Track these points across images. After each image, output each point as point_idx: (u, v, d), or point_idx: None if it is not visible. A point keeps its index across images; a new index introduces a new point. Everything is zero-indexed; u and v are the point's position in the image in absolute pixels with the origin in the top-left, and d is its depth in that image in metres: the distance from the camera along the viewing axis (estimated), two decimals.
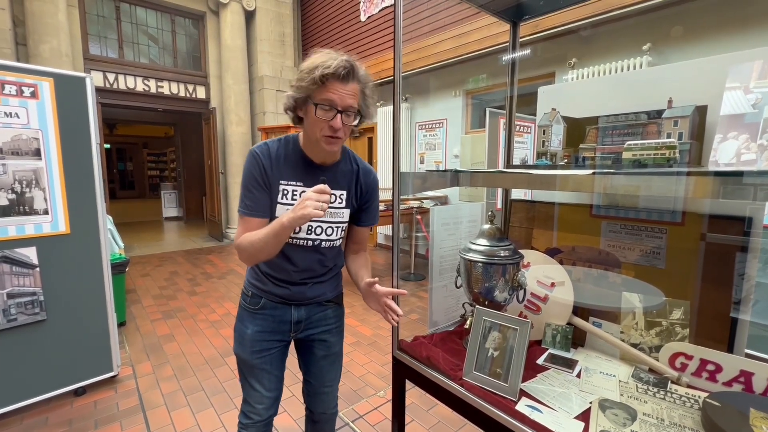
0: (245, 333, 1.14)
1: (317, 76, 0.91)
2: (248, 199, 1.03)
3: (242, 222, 1.04)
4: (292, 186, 1.05)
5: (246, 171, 1.04)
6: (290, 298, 1.13)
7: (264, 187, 1.03)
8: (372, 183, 1.17)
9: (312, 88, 0.93)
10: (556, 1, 1.32)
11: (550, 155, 1.19)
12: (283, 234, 0.96)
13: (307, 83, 0.93)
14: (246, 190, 1.03)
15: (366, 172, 1.16)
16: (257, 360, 1.14)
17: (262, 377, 1.16)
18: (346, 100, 0.94)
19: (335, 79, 0.92)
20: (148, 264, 5.23)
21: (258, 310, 1.14)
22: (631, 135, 1.05)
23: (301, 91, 0.95)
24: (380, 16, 5.65)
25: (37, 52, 4.77)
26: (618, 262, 1.16)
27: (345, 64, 0.93)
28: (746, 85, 0.80)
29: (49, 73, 1.90)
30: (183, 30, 6.65)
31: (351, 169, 1.13)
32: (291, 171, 1.05)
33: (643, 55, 3.09)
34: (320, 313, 1.20)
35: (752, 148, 0.75)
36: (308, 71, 0.93)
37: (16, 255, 1.84)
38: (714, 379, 0.91)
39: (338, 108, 0.94)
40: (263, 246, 0.98)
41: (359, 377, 2.41)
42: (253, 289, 1.15)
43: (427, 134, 5.28)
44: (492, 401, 0.91)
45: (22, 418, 1.97)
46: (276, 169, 1.04)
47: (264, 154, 1.03)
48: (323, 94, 0.93)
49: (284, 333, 1.17)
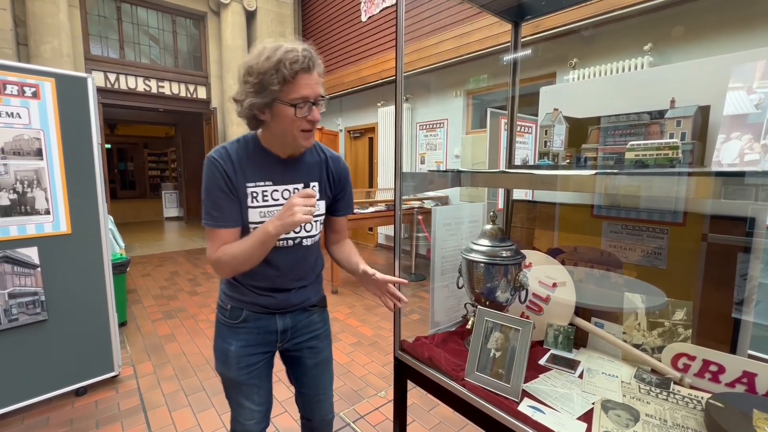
0: (228, 351, 1.06)
1: (288, 74, 0.84)
2: (215, 210, 0.95)
3: (213, 236, 0.96)
4: (261, 186, 0.98)
5: (207, 180, 0.95)
6: (275, 307, 1.07)
7: (230, 194, 0.95)
8: (343, 170, 1.12)
9: (277, 87, 0.85)
10: (558, 1, 1.32)
11: (553, 155, 1.19)
12: (269, 243, 0.92)
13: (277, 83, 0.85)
14: (210, 201, 0.95)
15: (335, 159, 1.11)
16: (244, 377, 1.07)
17: (251, 393, 1.10)
18: (316, 90, 0.90)
19: (304, 72, 0.87)
20: (149, 264, 5.24)
21: (240, 324, 1.06)
22: (634, 135, 1.05)
23: (265, 95, 0.87)
24: (381, 16, 5.65)
25: (39, 53, 4.77)
26: (619, 263, 1.15)
27: (307, 52, 0.87)
28: (749, 85, 0.80)
29: (50, 73, 1.90)
30: (184, 30, 6.65)
31: (319, 159, 1.08)
32: (256, 171, 0.98)
33: (644, 55, 3.09)
34: (306, 319, 1.14)
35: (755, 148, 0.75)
36: (272, 70, 0.84)
37: (17, 255, 1.84)
38: (717, 380, 0.90)
39: (311, 101, 0.90)
40: (248, 257, 0.93)
41: (360, 377, 2.40)
42: (232, 301, 1.06)
43: (428, 134, 5.27)
44: (494, 402, 0.90)
45: (23, 418, 1.97)
46: (239, 173, 0.96)
47: (224, 159, 0.95)
48: (296, 91, 0.87)
49: (270, 344, 1.10)
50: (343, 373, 2.45)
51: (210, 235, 0.97)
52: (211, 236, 0.97)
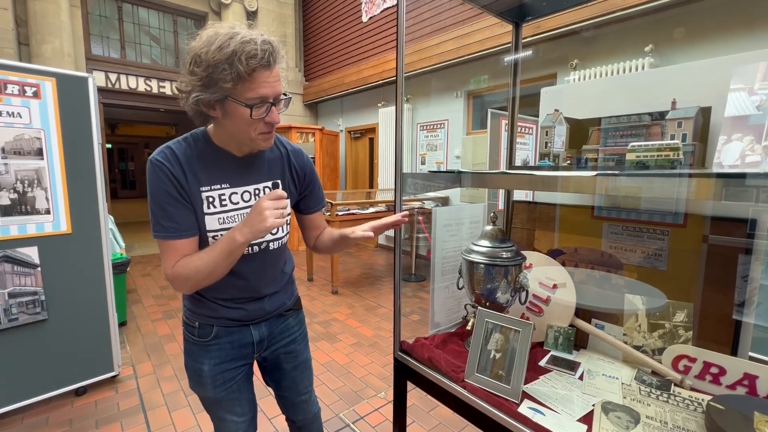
0: (201, 370, 0.98)
1: (244, 70, 0.72)
2: (166, 220, 0.83)
3: (167, 248, 0.84)
4: (217, 190, 0.88)
5: (152, 186, 0.83)
6: (248, 318, 0.99)
7: (182, 201, 0.84)
8: (306, 163, 1.03)
9: (230, 83, 0.74)
10: (559, 2, 1.31)
11: (553, 156, 1.19)
12: (237, 252, 0.83)
13: (230, 80, 0.73)
14: (160, 210, 0.83)
15: (296, 152, 1.02)
16: (223, 393, 1.00)
17: (233, 406, 1.03)
18: (276, 89, 0.79)
19: (263, 68, 0.75)
20: (149, 264, 5.24)
21: (211, 341, 0.97)
22: (635, 136, 1.04)
23: (214, 91, 0.75)
24: (382, 16, 5.65)
25: (40, 52, 4.78)
26: (620, 264, 1.15)
27: (267, 47, 0.75)
28: (751, 86, 0.80)
29: (51, 73, 1.90)
30: (185, 30, 6.66)
31: (280, 154, 0.98)
32: (210, 173, 0.87)
33: (645, 56, 3.09)
34: (282, 325, 1.08)
35: (757, 149, 0.74)
36: (224, 63, 0.72)
37: (17, 254, 1.85)
38: (717, 382, 0.90)
39: (270, 101, 0.79)
40: (212, 270, 0.83)
41: (360, 378, 2.40)
42: (200, 318, 0.97)
43: (428, 135, 5.28)
44: (494, 403, 0.90)
45: (23, 418, 1.97)
46: (190, 175, 0.85)
47: (170, 162, 0.83)
48: (253, 90, 0.76)
49: (247, 356, 1.04)
50: (342, 373, 2.45)
51: (164, 248, 0.85)
52: (165, 249, 0.85)
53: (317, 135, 6.05)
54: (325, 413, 1.99)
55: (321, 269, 4.88)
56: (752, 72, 0.81)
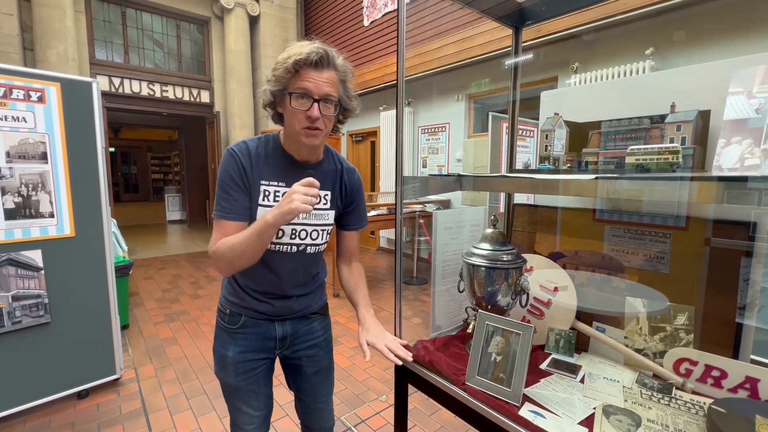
0: (226, 356, 1.05)
1: (290, 64, 0.85)
2: (225, 201, 0.94)
3: (218, 226, 0.95)
4: (274, 186, 0.97)
5: (222, 170, 0.95)
6: (274, 314, 1.05)
7: (242, 188, 0.95)
8: (356, 182, 1.11)
9: (286, 77, 0.88)
10: (559, 6, 1.32)
11: (553, 160, 1.19)
12: (267, 233, 0.88)
13: (281, 72, 0.87)
14: (222, 192, 0.95)
15: (350, 170, 1.10)
16: (243, 382, 1.06)
17: (250, 398, 1.09)
18: (322, 88, 0.88)
19: (308, 66, 0.86)
20: (152, 267, 5.25)
21: (238, 329, 1.05)
22: (634, 140, 1.05)
23: (277, 84, 0.90)
24: (383, 21, 5.68)
25: (44, 57, 4.82)
26: (621, 267, 1.15)
27: (318, 50, 0.87)
28: (749, 90, 0.80)
29: (55, 77, 1.92)
30: (188, 35, 6.71)
31: (335, 169, 1.07)
32: (272, 170, 0.97)
33: (646, 59, 3.09)
34: (306, 327, 1.13)
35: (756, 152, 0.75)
36: (282, 61, 0.88)
37: (21, 258, 1.86)
38: (719, 385, 0.90)
39: (314, 97, 0.87)
40: (245, 249, 0.89)
41: (361, 381, 2.40)
42: (231, 306, 1.05)
43: (429, 138, 5.29)
44: (495, 406, 0.90)
45: (25, 421, 1.97)
46: (256, 168, 0.96)
47: (243, 153, 0.96)
48: (297, 82, 0.87)
49: (269, 350, 1.09)
50: (344, 377, 2.45)
51: (216, 226, 0.96)
52: (216, 227, 0.95)
53: None
54: None
55: None
56: (751, 75, 0.81)
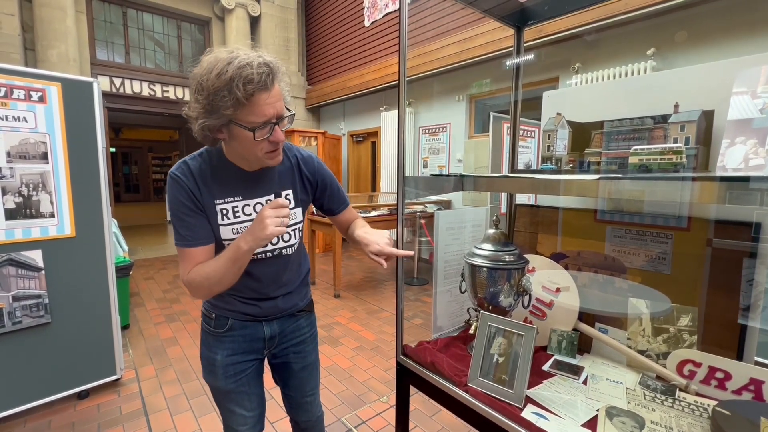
0: (215, 360, 1.04)
1: (242, 96, 0.74)
2: (183, 229, 0.90)
3: (184, 256, 0.91)
4: (231, 203, 0.93)
5: (171, 198, 0.90)
6: (261, 315, 1.05)
7: (197, 212, 0.91)
8: (317, 167, 1.06)
9: (237, 107, 0.76)
10: (561, 6, 1.32)
11: (556, 160, 1.19)
12: (243, 260, 0.86)
13: (231, 106, 0.76)
14: (178, 220, 0.90)
15: (305, 159, 1.05)
16: (233, 385, 1.05)
17: (242, 400, 1.08)
18: (278, 108, 0.81)
19: (262, 90, 0.77)
20: (152, 267, 5.25)
21: (225, 333, 1.03)
22: (637, 140, 1.04)
23: (218, 117, 0.78)
24: (384, 21, 5.68)
25: (46, 57, 4.83)
26: (623, 268, 1.15)
27: (264, 69, 0.76)
28: (754, 90, 0.79)
29: (56, 77, 1.92)
30: (189, 35, 6.72)
31: (290, 164, 1.02)
32: (223, 187, 0.93)
33: (648, 59, 3.09)
34: (293, 325, 1.13)
35: (760, 153, 0.74)
36: (223, 89, 0.74)
37: (21, 258, 1.86)
38: (723, 387, 0.89)
39: (273, 121, 0.81)
40: (222, 276, 0.87)
41: (362, 382, 2.39)
42: (217, 310, 1.03)
43: (430, 139, 5.28)
44: (497, 408, 0.90)
45: (26, 421, 1.97)
46: (204, 189, 0.91)
47: (186, 176, 0.90)
48: (253, 113, 0.78)
49: (258, 351, 1.09)
50: (345, 377, 2.44)
51: (181, 255, 0.91)
52: (182, 257, 0.91)
53: (319, 139, 6.07)
54: (327, 417, 1.98)
55: (323, 272, 4.88)
56: (755, 75, 0.81)
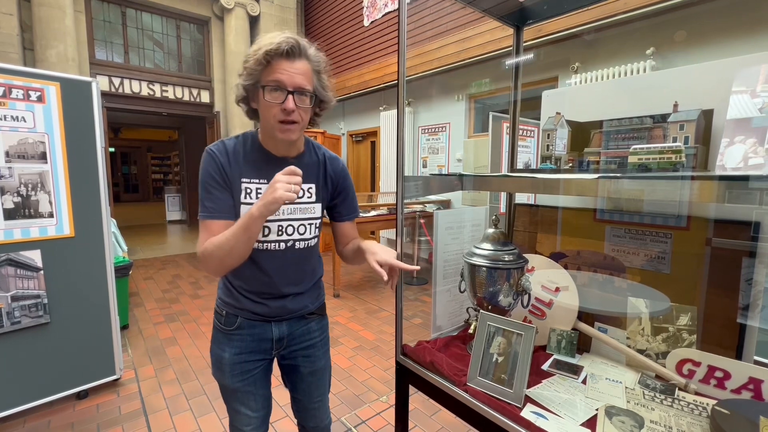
0: (222, 357, 1.05)
1: (261, 55, 0.84)
2: (208, 201, 0.94)
3: (204, 227, 0.94)
4: (255, 184, 0.97)
5: (203, 171, 0.95)
6: (270, 315, 1.05)
7: (224, 186, 0.95)
8: (341, 170, 1.09)
9: (258, 70, 0.86)
10: (560, 5, 1.32)
11: (555, 159, 1.19)
12: (253, 227, 0.86)
13: (252, 65, 0.86)
14: (205, 192, 0.94)
15: (332, 159, 1.08)
16: (239, 383, 1.06)
17: (248, 399, 1.08)
18: (295, 79, 0.86)
19: (280, 56, 0.85)
20: (151, 267, 5.25)
21: (234, 331, 1.04)
22: (636, 139, 1.04)
23: (249, 77, 0.88)
24: (383, 20, 5.67)
25: (44, 57, 4.82)
26: (623, 267, 1.15)
27: (289, 40, 0.85)
28: (753, 89, 0.79)
29: (55, 77, 1.92)
30: (188, 35, 6.71)
31: (317, 160, 1.05)
32: (252, 168, 0.97)
33: (647, 59, 3.09)
34: (303, 327, 1.12)
35: (760, 152, 0.74)
36: (253, 53, 0.86)
37: (20, 258, 1.85)
38: (722, 386, 0.89)
39: (288, 88, 0.86)
40: (233, 245, 0.88)
41: (362, 382, 2.39)
42: (227, 308, 1.05)
43: (430, 138, 5.28)
44: (496, 407, 0.90)
45: (25, 421, 1.97)
46: (235, 167, 0.96)
47: (221, 152, 0.96)
48: (270, 74, 0.86)
49: (266, 352, 1.08)
50: (344, 377, 2.44)
51: (202, 227, 0.95)
52: (202, 228, 0.95)
53: (319, 138, 6.06)
54: None
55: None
56: (754, 74, 0.81)
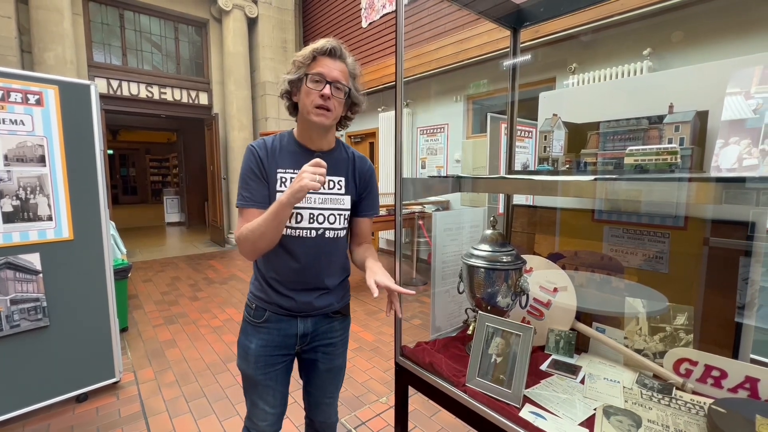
0: (249, 348, 1.12)
1: (308, 52, 1.01)
2: (245, 191, 1.05)
3: (241, 215, 1.06)
4: (290, 174, 1.07)
5: (243, 164, 1.07)
6: (296, 310, 1.10)
7: (261, 178, 1.05)
8: (368, 170, 1.18)
9: (305, 64, 1.01)
10: (556, 7, 1.32)
11: (552, 161, 1.19)
12: (282, 213, 0.95)
13: (301, 60, 1.02)
14: (243, 182, 1.06)
15: (361, 159, 1.18)
16: (261, 376, 1.12)
17: (267, 394, 1.14)
18: (334, 74, 1.01)
19: (323, 54, 1.01)
20: (150, 269, 5.24)
21: (262, 324, 1.11)
22: (633, 140, 1.05)
23: (296, 72, 1.03)
24: (381, 22, 5.69)
25: (42, 60, 4.81)
26: (621, 267, 1.15)
27: (332, 42, 1.02)
28: (747, 90, 0.80)
29: (53, 80, 1.92)
30: (186, 37, 6.71)
31: (346, 157, 1.15)
32: (287, 160, 1.07)
33: (644, 60, 3.10)
34: (327, 326, 1.17)
35: (754, 153, 0.75)
36: (301, 53, 1.03)
37: (19, 261, 1.85)
38: (719, 385, 0.90)
39: (327, 79, 1.00)
40: (264, 230, 0.97)
41: (362, 383, 2.39)
42: (257, 301, 1.12)
43: (428, 139, 5.29)
44: (495, 408, 0.90)
45: (24, 425, 1.97)
46: (272, 159, 1.06)
47: (260, 147, 1.07)
48: (314, 68, 1.01)
49: (290, 347, 1.14)
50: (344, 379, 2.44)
51: (240, 214, 1.06)
52: (240, 215, 1.06)
53: None
54: None
55: None
56: (748, 76, 0.82)
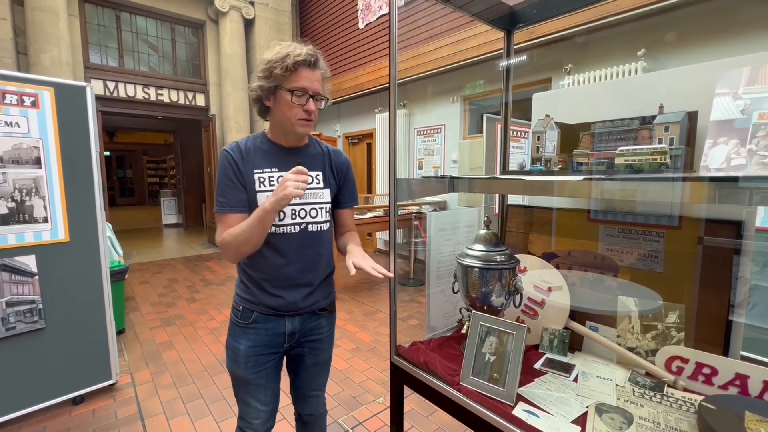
0: (238, 349, 1.13)
1: (290, 64, 0.97)
2: (222, 197, 1.05)
3: (220, 220, 1.06)
4: (267, 173, 1.08)
5: (219, 170, 1.07)
6: (284, 309, 1.12)
7: (237, 182, 1.05)
8: (344, 162, 1.21)
9: (284, 75, 0.98)
10: (550, 9, 1.34)
11: (545, 161, 1.20)
12: (266, 219, 0.97)
13: (280, 71, 0.98)
14: (220, 188, 1.06)
15: (336, 152, 1.21)
16: (252, 376, 1.13)
17: (258, 392, 1.16)
18: (315, 86, 1.02)
19: (305, 66, 0.99)
20: (147, 271, 5.23)
21: (250, 325, 1.12)
22: (624, 141, 1.06)
23: (271, 80, 1.00)
24: (378, 23, 5.70)
25: (38, 61, 4.80)
26: (614, 266, 1.16)
27: (312, 52, 1.01)
28: (735, 91, 0.81)
29: (49, 82, 1.92)
30: (183, 38, 6.70)
31: (321, 152, 1.18)
32: (263, 159, 1.08)
33: (638, 60, 3.12)
34: (314, 323, 1.19)
35: (742, 153, 0.76)
36: (279, 60, 0.98)
37: (15, 263, 1.85)
38: (710, 382, 0.91)
39: (309, 93, 1.01)
40: (248, 235, 0.98)
41: (359, 383, 2.40)
42: (244, 303, 1.13)
43: (425, 140, 5.30)
44: (489, 406, 0.91)
45: (20, 428, 1.96)
46: (247, 161, 1.07)
47: (234, 150, 1.07)
48: (296, 81, 0.99)
49: (278, 345, 1.16)
50: (341, 379, 2.45)
51: (218, 220, 1.06)
52: (219, 221, 1.06)
53: None
54: None
55: None
56: (736, 77, 0.83)
